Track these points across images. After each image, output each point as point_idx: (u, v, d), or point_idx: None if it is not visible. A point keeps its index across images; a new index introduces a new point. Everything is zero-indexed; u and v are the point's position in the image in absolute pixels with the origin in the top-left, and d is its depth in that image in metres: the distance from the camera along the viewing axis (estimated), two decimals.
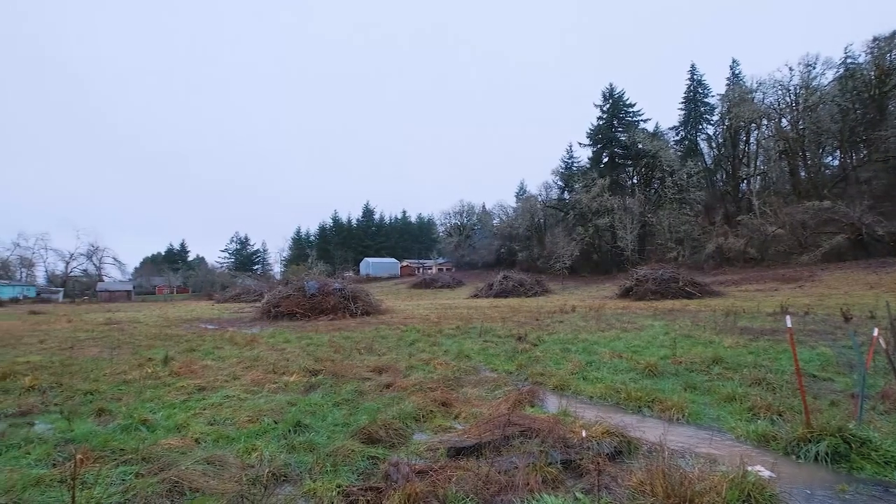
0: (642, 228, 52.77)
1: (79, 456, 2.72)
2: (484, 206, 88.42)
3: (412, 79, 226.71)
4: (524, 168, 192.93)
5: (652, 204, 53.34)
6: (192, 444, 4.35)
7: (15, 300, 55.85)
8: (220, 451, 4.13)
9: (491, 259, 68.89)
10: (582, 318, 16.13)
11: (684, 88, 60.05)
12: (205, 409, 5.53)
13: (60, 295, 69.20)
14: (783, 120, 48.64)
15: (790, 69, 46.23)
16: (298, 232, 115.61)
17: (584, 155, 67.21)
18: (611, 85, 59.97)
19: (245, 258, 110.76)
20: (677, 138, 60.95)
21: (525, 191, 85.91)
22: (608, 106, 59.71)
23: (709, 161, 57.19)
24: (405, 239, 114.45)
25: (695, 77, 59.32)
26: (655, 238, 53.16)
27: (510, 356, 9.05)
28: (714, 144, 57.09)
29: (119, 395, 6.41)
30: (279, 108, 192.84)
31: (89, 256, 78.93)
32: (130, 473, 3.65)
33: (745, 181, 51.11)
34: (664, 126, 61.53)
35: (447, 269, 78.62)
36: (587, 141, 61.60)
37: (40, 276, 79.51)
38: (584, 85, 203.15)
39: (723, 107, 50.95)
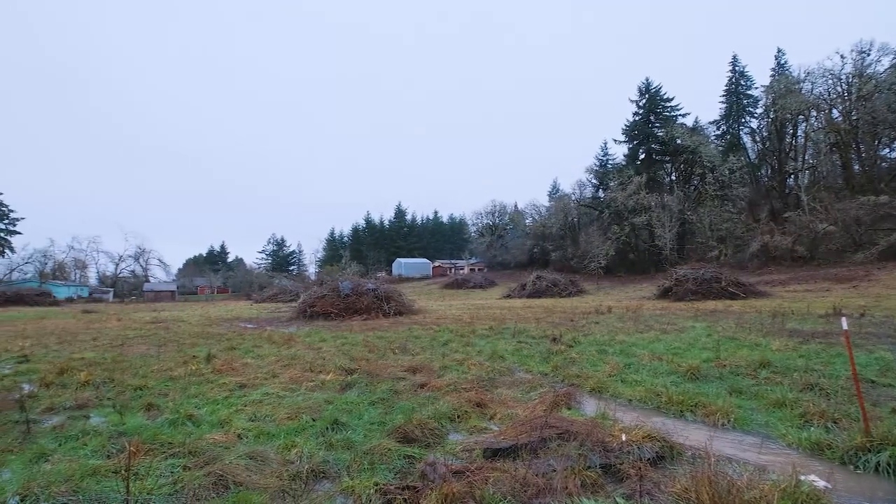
0: (681, 227, 51.05)
1: (131, 448, 2.85)
2: (516, 206, 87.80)
3: (442, 78, 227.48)
4: (557, 167, 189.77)
5: (692, 201, 51.55)
6: (235, 439, 4.49)
7: (70, 300, 59.23)
8: (262, 446, 4.25)
9: (523, 259, 68.24)
10: (619, 319, 15.75)
11: (725, 81, 57.64)
12: (246, 406, 5.70)
13: (110, 295, 73.03)
14: (834, 111, 46.09)
15: (842, 57, 43.76)
16: (332, 233, 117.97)
17: (619, 152, 65.70)
18: (647, 79, 58.37)
19: (281, 259, 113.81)
20: (718, 133, 58.63)
21: (558, 189, 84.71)
22: (644, 101, 58.10)
23: (752, 156, 54.79)
24: (437, 239, 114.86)
25: (736, 68, 56.93)
26: (695, 237, 51.32)
27: (545, 357, 8.93)
28: (758, 138, 54.62)
29: (166, 390, 6.68)
30: (312, 111, 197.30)
31: (136, 258, 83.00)
32: (178, 466, 3.81)
33: (793, 176, 48.65)
34: (704, 120, 59.29)
35: (479, 270, 78.40)
36: (622, 137, 60.21)
37: (92, 277, 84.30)
38: (619, 80, 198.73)
39: (767, 98, 48.62)
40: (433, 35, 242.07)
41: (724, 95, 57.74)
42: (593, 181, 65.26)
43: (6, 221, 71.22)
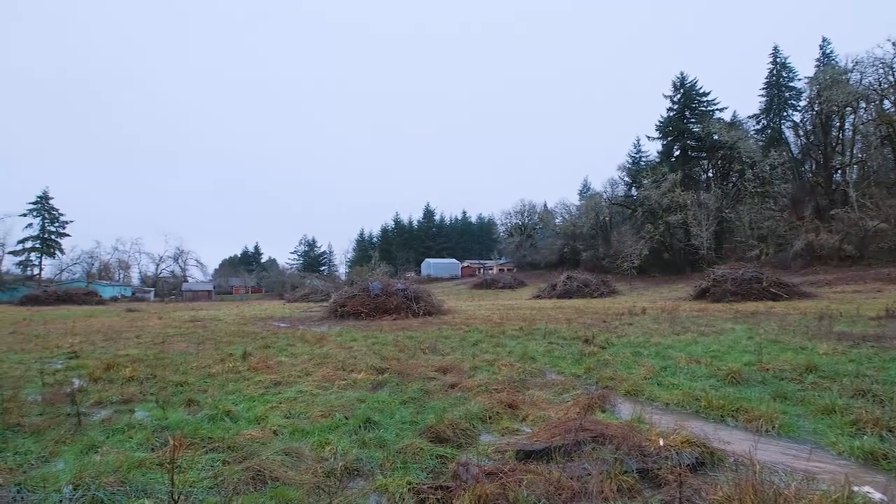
0: (719, 225, 49.35)
1: (175, 442, 2.95)
2: (545, 205, 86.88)
3: (470, 77, 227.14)
4: (587, 165, 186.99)
5: (730, 199, 49.78)
6: (271, 435, 4.60)
7: (114, 299, 62.00)
8: (297, 443, 4.33)
9: (553, 259, 67.47)
10: (654, 321, 15.35)
11: (766, 73, 55.53)
12: (281, 403, 5.82)
13: (152, 294, 76.16)
14: (885, 101, 43.52)
15: (893, 45, 41.31)
16: (362, 234, 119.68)
17: (652, 149, 64.36)
18: (682, 74, 56.76)
19: (312, 259, 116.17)
20: (758, 127, 56.47)
21: (589, 188, 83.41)
22: (679, 96, 56.50)
23: (795, 151, 52.49)
24: (465, 239, 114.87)
25: (778, 60, 54.69)
26: (734, 235, 49.51)
27: (577, 359, 8.78)
28: (801, 132, 52.20)
29: (205, 387, 6.90)
30: (339, 110, 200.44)
31: (175, 259, 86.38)
32: (218, 460, 3.92)
33: (840, 171, 46.37)
34: (743, 114, 57.26)
35: (508, 270, 77.96)
36: (656, 134, 58.70)
37: (135, 277, 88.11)
38: (652, 76, 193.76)
39: (812, 90, 46.44)
40: (461, 35, 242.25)
41: (764, 88, 55.59)
42: (625, 179, 64.00)
43: (56, 224, 75.50)
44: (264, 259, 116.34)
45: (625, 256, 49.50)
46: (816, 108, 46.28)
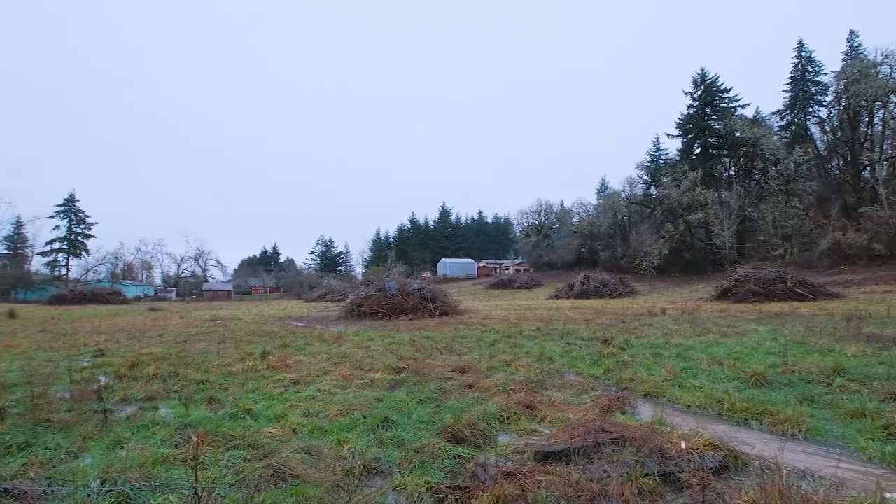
0: (741, 224, 48.26)
1: (198, 439, 3.01)
2: (562, 205, 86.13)
3: (483, 76, 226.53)
4: (605, 164, 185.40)
5: (753, 197, 48.63)
6: (290, 433, 4.65)
7: (138, 298, 63.48)
8: (316, 441, 4.37)
9: (571, 259, 66.87)
10: (674, 322, 15.09)
11: (790, 68, 53.93)
12: (299, 402, 5.88)
13: (173, 294, 77.80)
14: None
15: None
16: (378, 234, 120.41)
17: (672, 147, 63.37)
18: (702, 70, 55.61)
19: (329, 260, 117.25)
20: (782, 123, 54.91)
21: (607, 187, 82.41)
22: (699, 93, 55.38)
23: (821, 147, 50.98)
24: (482, 239, 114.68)
25: (803, 54, 53.16)
26: (757, 234, 48.36)
27: (595, 360, 8.68)
28: (828, 128, 50.67)
29: (225, 385, 7.01)
30: (347, 111, 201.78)
31: (196, 259, 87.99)
32: (239, 458, 3.99)
33: (868, 168, 44.87)
34: (766, 111, 55.65)
35: (525, 270, 77.52)
36: (676, 131, 57.61)
37: (157, 277, 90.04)
38: (671, 72, 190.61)
39: (839, 85, 45.00)
40: (472, 33, 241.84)
41: (788, 83, 54.07)
42: (644, 178, 63.03)
43: (82, 226, 77.78)
44: (282, 259, 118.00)
45: (644, 256, 48.72)
46: (844, 103, 44.85)
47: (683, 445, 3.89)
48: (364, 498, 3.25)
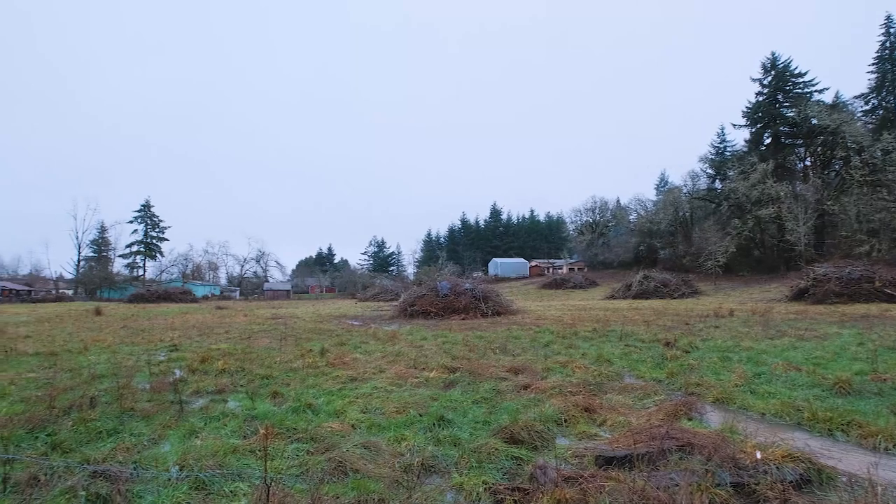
0: (819, 219, 44.53)
1: (264, 431, 3.15)
2: (618, 201, 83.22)
3: (535, 72, 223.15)
4: (665, 158, 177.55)
5: (833, 189, 44.74)
6: (350, 429, 4.76)
7: (206, 297, 67.73)
8: (374, 437, 4.45)
9: (628, 258, 64.51)
10: (743, 324, 14.17)
11: (876, 46, 49.15)
12: (357, 398, 6.02)
13: (237, 293, 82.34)
14: None
15: None
16: (429, 234, 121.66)
17: (739, 137, 59.66)
18: (773, 54, 51.95)
19: (382, 260, 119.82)
20: (867, 108, 50.10)
21: (667, 182, 78.93)
22: (770, 78, 51.77)
23: None
24: (533, 238, 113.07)
25: (891, 31, 48.30)
26: (838, 230, 44.39)
27: (657, 363, 8.29)
28: None
29: (288, 380, 7.31)
30: (406, 112, 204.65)
31: (258, 260, 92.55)
32: (302, 451, 4.14)
33: None
34: (847, 95, 51.06)
35: (579, 269, 75.61)
36: (743, 121, 54.19)
37: (222, 277, 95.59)
38: (737, 59, 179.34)
39: None
40: (521, 25, 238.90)
41: (874, 64, 49.22)
42: (708, 171, 59.66)
43: (157, 230, 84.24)
44: (337, 260, 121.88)
45: (708, 254, 46.08)
46: None
47: (759, 455, 3.63)
48: (423, 495, 3.27)
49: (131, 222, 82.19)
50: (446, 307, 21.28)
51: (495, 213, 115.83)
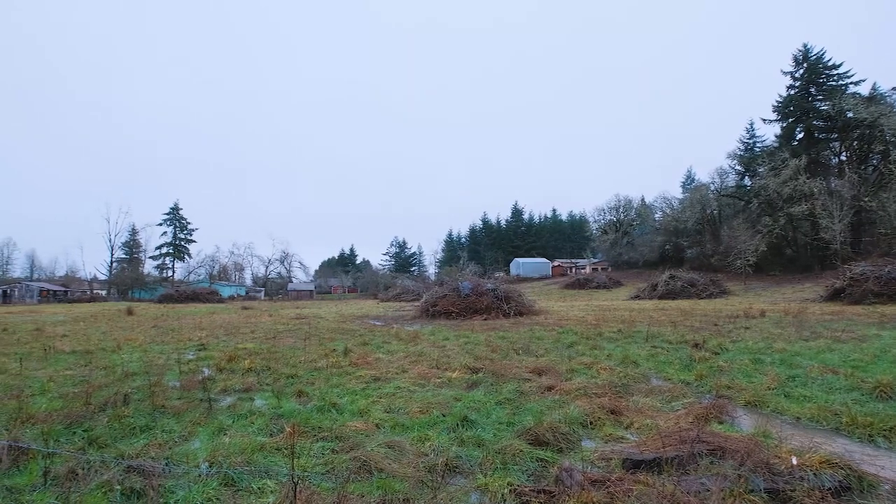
0: (856, 216, 42.78)
1: (290, 430, 3.19)
2: (643, 200, 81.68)
3: (557, 70, 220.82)
4: (690, 155, 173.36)
5: (870, 185, 42.94)
6: (374, 428, 4.79)
7: (232, 297, 69.31)
8: (398, 437, 4.47)
9: (653, 257, 63.23)
10: (776, 325, 13.72)
11: None
12: (381, 398, 6.06)
13: (262, 293, 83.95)
14: None
15: None
16: (450, 234, 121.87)
17: (769, 133, 58.18)
18: (805, 46, 50.18)
19: (403, 260, 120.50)
20: None
21: (693, 179, 77.21)
22: (802, 71, 50.07)
23: None
24: (556, 238, 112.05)
25: None
26: (876, 227, 42.52)
27: (686, 365, 8.10)
28: None
29: (312, 379, 7.40)
30: (425, 113, 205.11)
31: (282, 261, 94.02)
32: (327, 449, 4.18)
33: None
34: (885, 86, 48.99)
35: (602, 269, 74.55)
36: (773, 116, 52.60)
37: (248, 278, 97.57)
38: (766, 51, 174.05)
39: None
40: (543, 23, 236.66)
41: None
42: (737, 168, 58.05)
43: (185, 232, 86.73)
44: (359, 260, 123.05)
45: (737, 253, 44.79)
46: None
47: (795, 461, 3.50)
48: (448, 496, 3.26)
49: (160, 225, 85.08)
50: (468, 307, 21.23)
51: (517, 212, 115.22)
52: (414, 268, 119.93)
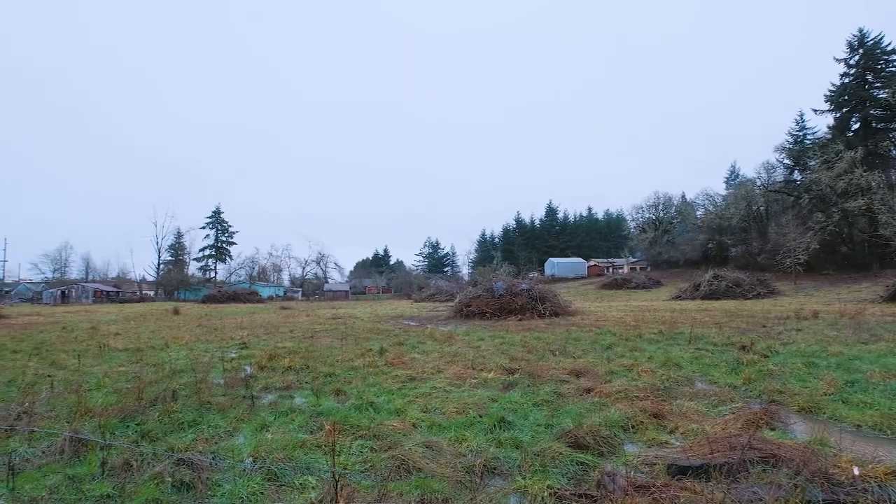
0: None
1: (329, 427, 3.24)
2: (684, 196, 79.00)
3: (589, 63, 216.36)
4: (734, 149, 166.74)
5: None
6: (411, 427, 4.82)
7: (271, 298, 71.25)
8: (435, 437, 4.47)
9: (695, 256, 61.07)
10: (830, 327, 12.97)
11: None
12: (417, 398, 6.08)
13: (300, 294, 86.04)
14: None
15: None
16: (483, 234, 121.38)
17: (821, 124, 55.19)
18: (860, 30, 47.33)
19: (436, 261, 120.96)
20: None
21: (738, 175, 74.09)
22: (857, 57, 47.22)
23: None
24: (591, 237, 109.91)
25: None
26: None
27: (733, 368, 7.75)
28: None
29: (349, 378, 7.51)
30: (458, 113, 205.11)
31: (318, 262, 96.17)
32: (366, 447, 4.23)
33: None
34: None
35: (641, 269, 72.55)
36: (825, 106, 49.82)
37: (285, 279, 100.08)
38: (815, 38, 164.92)
39: None
40: (577, 22, 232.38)
41: None
42: (786, 161, 55.33)
43: (226, 235, 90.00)
44: (392, 261, 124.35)
45: (787, 251, 42.60)
46: None
47: (857, 472, 3.28)
48: (487, 497, 3.23)
49: (203, 228, 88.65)
50: (502, 308, 21.07)
51: (551, 211, 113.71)
52: (447, 268, 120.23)
